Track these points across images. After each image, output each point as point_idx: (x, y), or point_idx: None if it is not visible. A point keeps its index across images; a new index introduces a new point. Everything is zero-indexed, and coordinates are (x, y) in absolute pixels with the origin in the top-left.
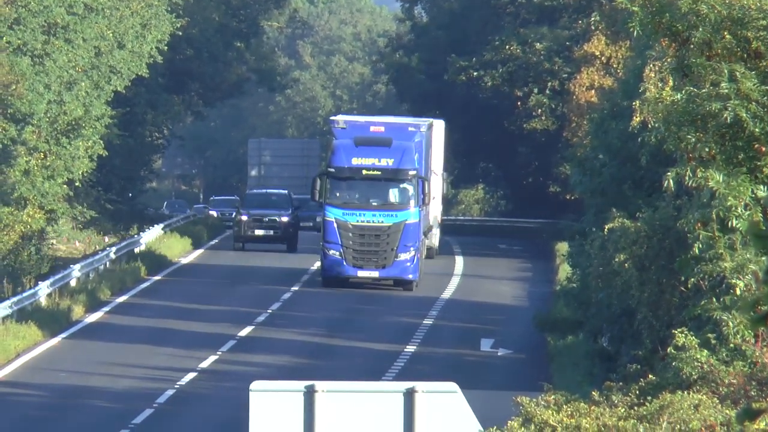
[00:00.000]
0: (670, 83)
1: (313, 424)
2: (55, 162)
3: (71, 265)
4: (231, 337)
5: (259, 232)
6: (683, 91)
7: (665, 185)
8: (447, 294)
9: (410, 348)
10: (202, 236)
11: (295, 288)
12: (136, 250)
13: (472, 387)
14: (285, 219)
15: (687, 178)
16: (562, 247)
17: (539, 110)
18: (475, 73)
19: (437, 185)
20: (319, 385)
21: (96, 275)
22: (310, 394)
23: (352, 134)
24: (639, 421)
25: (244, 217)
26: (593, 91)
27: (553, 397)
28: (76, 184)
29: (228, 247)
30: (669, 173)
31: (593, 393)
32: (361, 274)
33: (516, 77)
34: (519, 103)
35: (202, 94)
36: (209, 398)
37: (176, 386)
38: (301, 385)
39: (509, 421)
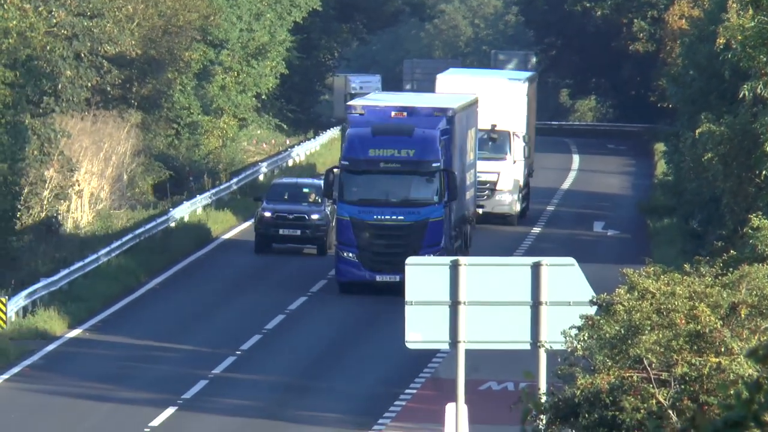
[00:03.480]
0: (750, 13)
1: (458, 291)
2: (246, 79)
3: (259, 163)
4: None
5: (284, 232)
6: (755, 19)
7: (743, 95)
8: (566, 185)
9: (536, 229)
10: None
11: None
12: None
13: (587, 261)
14: (316, 216)
15: (760, 89)
16: (660, 146)
17: (640, 35)
18: (588, 4)
19: (518, 149)
20: (462, 259)
21: (280, 172)
22: (455, 267)
23: (369, 122)
24: (722, 288)
25: (267, 214)
26: (684, 20)
27: (652, 269)
28: (263, 97)
29: None
30: (746, 86)
31: (685, 266)
32: (379, 279)
33: (621, 8)
34: (624, 29)
35: (365, 23)
36: None
37: None
38: (448, 260)
39: (617, 289)
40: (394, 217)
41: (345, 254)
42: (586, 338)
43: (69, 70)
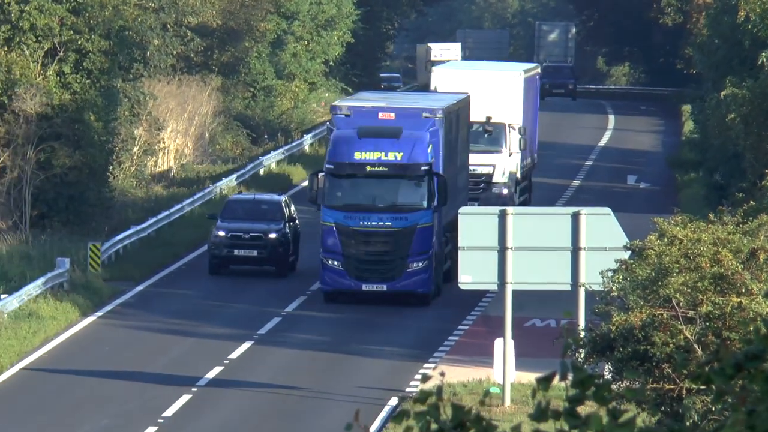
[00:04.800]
0: None
1: (506, 238)
2: (315, 47)
3: (327, 122)
4: None
5: (239, 253)
6: None
7: (761, 62)
8: (602, 143)
9: (575, 182)
10: None
11: None
12: None
13: (621, 211)
14: (274, 235)
15: None
16: (686, 108)
17: (669, 8)
18: None
19: (514, 141)
20: (509, 209)
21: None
22: (503, 216)
23: (356, 123)
24: (743, 235)
25: (221, 233)
26: None
27: (680, 217)
28: (330, 63)
29: None
30: (764, 54)
31: (710, 215)
32: (366, 287)
33: None
34: (654, 3)
35: None
36: None
37: None
38: (496, 209)
39: (648, 236)
40: (380, 223)
41: (330, 262)
42: (620, 280)
43: (156, 40)
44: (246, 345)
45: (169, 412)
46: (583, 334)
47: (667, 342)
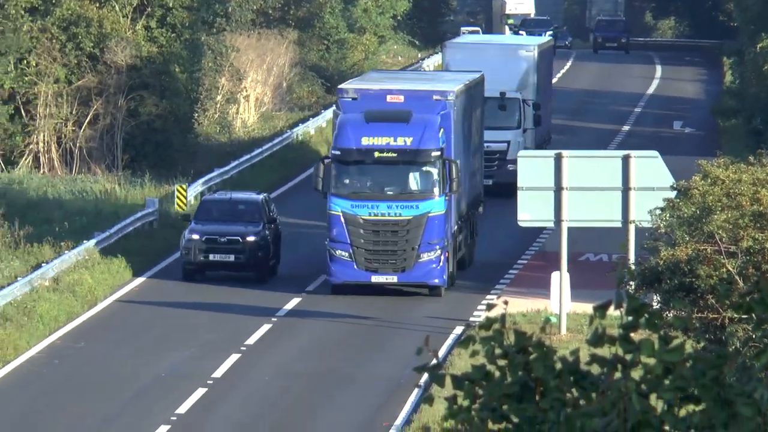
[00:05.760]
0: None
1: (561, 178)
2: (384, 3)
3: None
4: None
5: (215, 258)
6: None
7: None
8: (650, 90)
9: (626, 127)
10: None
11: None
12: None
13: (668, 153)
14: (252, 238)
15: None
16: (727, 61)
17: None
18: None
19: (529, 117)
20: (565, 152)
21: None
22: (558, 159)
23: (363, 107)
24: None
25: (195, 236)
26: None
27: (722, 160)
28: (398, 17)
29: None
30: None
31: (749, 157)
32: (375, 279)
33: None
34: None
35: None
36: None
37: None
38: (552, 152)
39: (693, 177)
40: (390, 211)
41: (337, 253)
42: (667, 217)
43: None
44: (320, 279)
45: (251, 341)
46: (633, 267)
47: (710, 275)
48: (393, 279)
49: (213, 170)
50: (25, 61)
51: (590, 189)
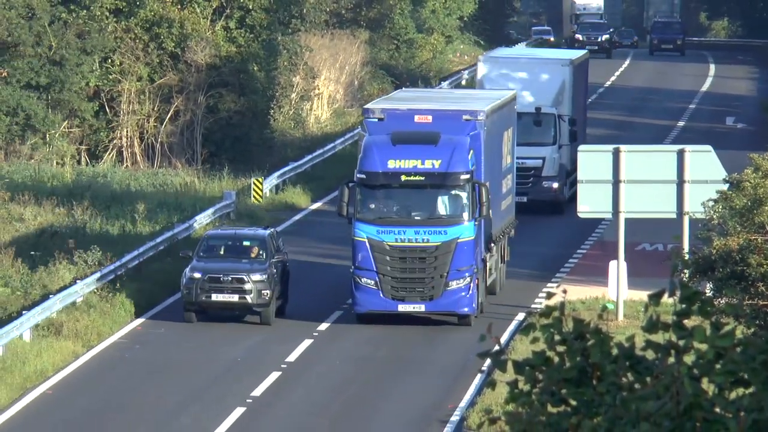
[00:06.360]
0: None
1: (619, 172)
2: (452, 4)
3: (462, 71)
4: None
5: (217, 298)
6: None
7: None
8: (704, 88)
9: (680, 123)
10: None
11: None
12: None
13: (721, 148)
14: (258, 277)
15: None
16: None
17: None
18: None
19: (564, 133)
20: (623, 147)
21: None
22: (617, 153)
23: (389, 128)
24: None
25: (196, 275)
26: None
27: None
28: (465, 19)
29: None
30: None
31: None
32: (402, 308)
33: None
34: None
35: None
36: None
37: None
38: (611, 147)
39: (745, 170)
40: (417, 237)
41: (362, 281)
42: (720, 209)
43: None
44: None
45: (322, 327)
46: (687, 256)
47: (761, 263)
48: (420, 308)
49: (288, 164)
50: (110, 60)
51: (646, 182)
